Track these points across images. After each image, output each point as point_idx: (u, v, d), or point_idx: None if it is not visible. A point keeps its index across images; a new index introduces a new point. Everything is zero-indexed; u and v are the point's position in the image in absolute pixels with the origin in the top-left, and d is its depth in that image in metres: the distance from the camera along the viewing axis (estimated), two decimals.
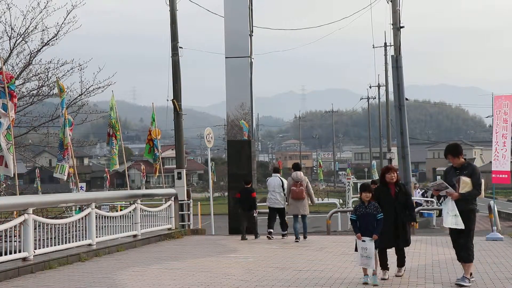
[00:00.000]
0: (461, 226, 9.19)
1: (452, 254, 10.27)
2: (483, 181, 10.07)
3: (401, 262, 10.15)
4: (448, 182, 9.37)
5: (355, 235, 9.70)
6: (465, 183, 9.26)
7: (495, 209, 17.40)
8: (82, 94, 20.22)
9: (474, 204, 9.49)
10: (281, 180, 16.94)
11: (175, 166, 25.53)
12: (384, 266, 9.93)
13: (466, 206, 9.32)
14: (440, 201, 9.59)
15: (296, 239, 15.96)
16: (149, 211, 16.70)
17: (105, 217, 14.46)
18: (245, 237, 16.53)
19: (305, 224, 16.47)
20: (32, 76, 19.73)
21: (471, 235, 9.46)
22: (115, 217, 15.26)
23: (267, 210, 17.40)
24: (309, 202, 16.46)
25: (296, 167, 16.93)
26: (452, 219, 9.23)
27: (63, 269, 11.38)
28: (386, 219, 9.64)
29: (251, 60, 19.05)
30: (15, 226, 11.12)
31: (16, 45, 19.35)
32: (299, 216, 16.23)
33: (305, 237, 16.33)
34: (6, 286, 9.73)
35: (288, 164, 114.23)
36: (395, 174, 9.97)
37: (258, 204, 17.90)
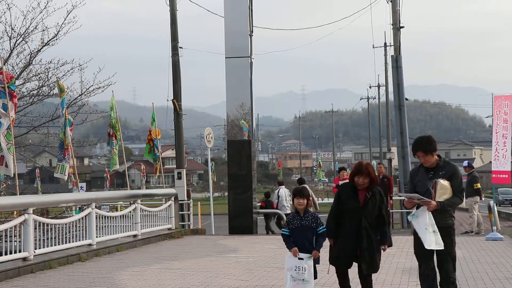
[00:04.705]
0: (441, 246, 6.96)
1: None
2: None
3: None
4: (420, 188, 7.18)
5: (289, 251, 7.38)
6: (444, 189, 7.00)
7: (495, 209, 17.40)
8: (82, 94, 20.27)
9: (452, 217, 7.18)
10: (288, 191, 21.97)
11: (175, 166, 25.57)
12: None
13: (443, 221, 7.03)
14: (412, 214, 7.21)
15: None
16: (149, 211, 16.70)
17: (105, 217, 14.45)
18: None
19: None
20: (32, 76, 19.76)
21: (454, 259, 7.16)
22: (115, 217, 15.26)
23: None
24: (314, 209, 19.58)
25: (301, 181, 22.04)
26: (433, 236, 6.95)
27: (63, 269, 11.38)
28: (347, 232, 7.30)
29: (251, 60, 19.04)
30: (15, 226, 11.12)
31: (16, 45, 19.38)
32: None
33: None
34: (6, 286, 9.73)
35: (288, 164, 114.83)
36: (367, 180, 7.30)
37: (258, 203, 19.66)
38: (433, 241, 6.91)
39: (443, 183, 7.01)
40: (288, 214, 8.77)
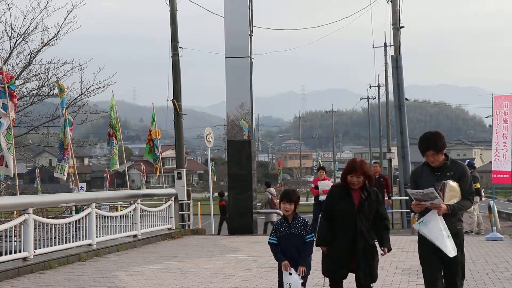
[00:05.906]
0: (456, 251, 6.26)
1: None
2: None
3: None
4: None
5: (279, 263, 6.90)
6: (453, 191, 6.26)
7: (495, 209, 17.41)
8: (82, 94, 20.27)
9: (461, 221, 6.47)
10: None
11: (175, 166, 25.60)
12: None
13: (451, 226, 6.27)
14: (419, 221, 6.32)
15: None
16: (149, 211, 16.70)
17: (105, 217, 14.46)
18: None
19: None
20: (32, 76, 19.76)
21: (463, 267, 6.44)
22: (115, 217, 15.26)
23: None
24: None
25: (268, 184, 24.42)
26: (450, 242, 6.19)
27: (63, 269, 11.39)
28: (341, 237, 6.56)
29: (251, 60, 19.04)
30: (15, 226, 11.13)
31: (16, 45, 19.38)
32: None
33: None
34: (6, 286, 9.73)
35: (289, 164, 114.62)
36: (362, 179, 6.56)
37: (258, 204, 19.51)
38: (452, 247, 6.18)
39: (452, 184, 6.26)
40: (276, 220, 8.61)
